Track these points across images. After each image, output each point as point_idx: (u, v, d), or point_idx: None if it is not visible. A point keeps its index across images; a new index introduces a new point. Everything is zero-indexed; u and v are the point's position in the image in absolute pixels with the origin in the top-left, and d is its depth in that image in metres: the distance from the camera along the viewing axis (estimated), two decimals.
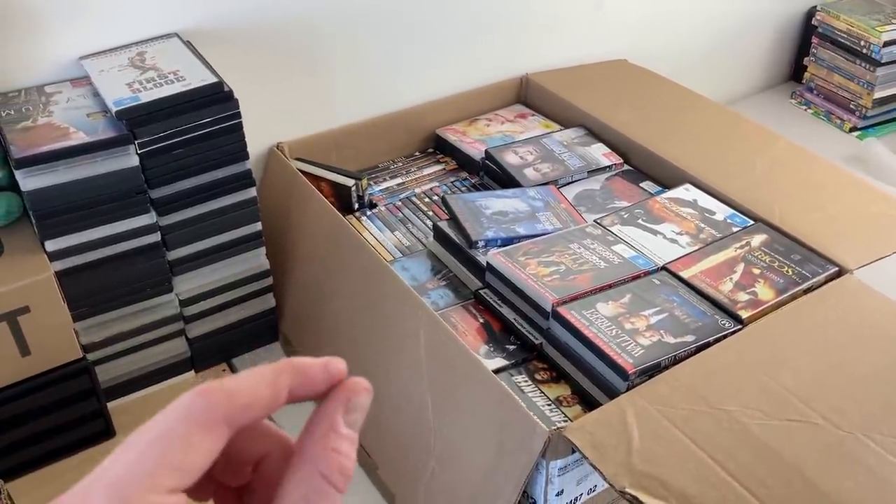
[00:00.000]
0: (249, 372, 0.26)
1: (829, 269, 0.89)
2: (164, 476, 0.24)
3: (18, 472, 0.88)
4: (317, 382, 0.28)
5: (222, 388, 0.26)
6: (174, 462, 0.24)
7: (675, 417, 0.71)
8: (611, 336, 0.79)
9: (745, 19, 1.57)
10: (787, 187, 1.03)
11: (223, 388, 0.26)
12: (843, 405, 0.73)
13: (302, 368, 0.27)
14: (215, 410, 0.25)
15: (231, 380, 0.26)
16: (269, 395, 0.26)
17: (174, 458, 0.24)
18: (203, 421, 0.25)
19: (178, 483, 0.24)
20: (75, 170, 0.81)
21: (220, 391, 0.26)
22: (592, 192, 1.07)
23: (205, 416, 0.25)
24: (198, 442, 0.25)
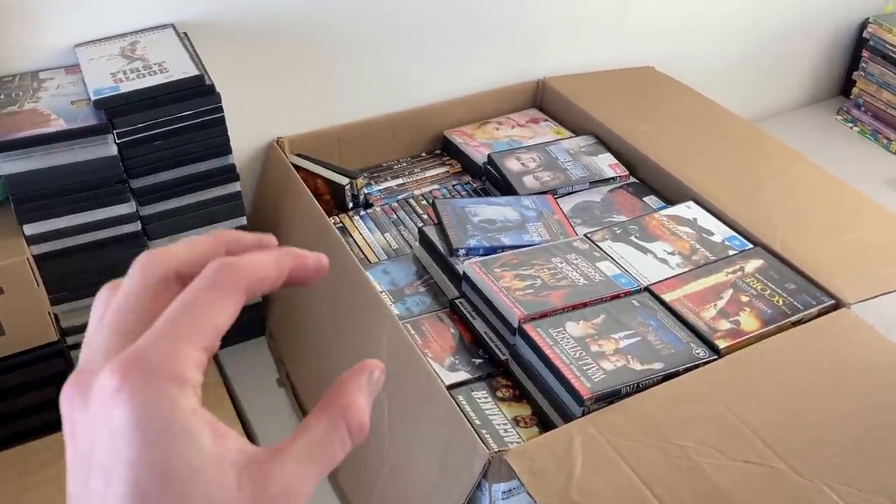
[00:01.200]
0: (259, 253, 0.29)
1: (824, 301, 0.84)
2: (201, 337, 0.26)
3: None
4: (308, 271, 0.31)
5: (242, 263, 0.28)
6: (210, 323, 0.27)
7: (624, 449, 0.68)
8: (573, 358, 0.76)
9: (791, 28, 1.49)
10: (796, 211, 0.97)
11: (243, 262, 0.28)
12: (809, 450, 0.68)
13: (299, 256, 0.30)
14: (238, 280, 0.27)
15: (245, 257, 0.28)
16: (276, 273, 0.29)
17: (210, 319, 0.27)
18: (230, 288, 0.27)
19: (210, 343, 0.26)
20: (53, 156, 0.82)
21: (244, 265, 0.28)
22: (592, 204, 1.04)
23: (231, 283, 0.27)
24: (225, 306, 0.27)
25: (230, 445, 0.26)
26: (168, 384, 0.25)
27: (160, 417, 0.25)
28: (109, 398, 0.25)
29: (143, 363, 0.25)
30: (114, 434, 0.24)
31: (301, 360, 0.98)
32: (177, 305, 0.27)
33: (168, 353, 0.25)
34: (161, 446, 0.24)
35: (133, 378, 0.25)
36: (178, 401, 0.25)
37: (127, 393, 0.24)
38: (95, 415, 0.25)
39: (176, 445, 0.25)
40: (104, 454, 0.25)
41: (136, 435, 0.24)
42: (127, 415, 0.24)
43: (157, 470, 0.24)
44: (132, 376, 0.25)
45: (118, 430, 0.24)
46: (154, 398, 0.25)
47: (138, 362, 0.25)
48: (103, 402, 0.25)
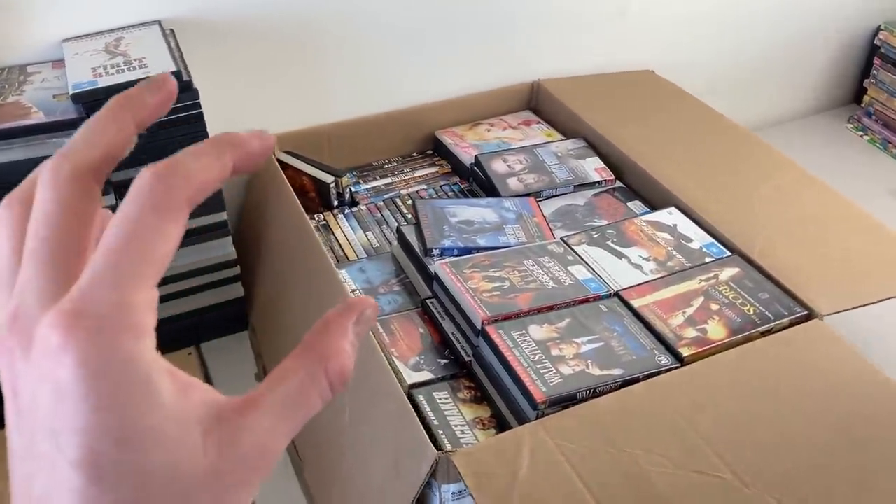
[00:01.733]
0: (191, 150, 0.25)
1: (797, 311, 0.82)
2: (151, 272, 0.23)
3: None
4: (255, 155, 0.26)
5: (177, 171, 0.24)
6: (156, 254, 0.23)
7: (573, 454, 0.67)
8: (532, 361, 0.75)
9: (802, 34, 1.47)
10: (780, 219, 0.96)
11: (181, 171, 0.24)
12: (760, 462, 0.67)
13: (240, 142, 0.26)
14: (179, 195, 0.24)
15: (180, 160, 0.24)
16: (218, 170, 0.25)
17: (155, 250, 0.23)
18: (170, 208, 0.23)
19: (159, 276, 0.23)
20: (32, 148, 0.83)
21: (183, 175, 0.24)
22: (575, 208, 1.03)
23: (170, 202, 0.23)
24: (170, 230, 0.23)
25: (195, 398, 0.24)
26: (121, 337, 0.22)
27: (113, 376, 0.22)
28: (53, 356, 0.22)
29: (89, 315, 0.22)
30: (61, 397, 0.22)
31: (277, 355, 0.99)
32: (114, 237, 0.23)
33: (117, 301, 0.22)
34: (115, 408, 0.22)
35: (79, 334, 0.22)
36: (134, 354, 0.22)
37: (73, 351, 0.21)
38: (38, 370, 0.22)
39: (133, 405, 0.22)
40: (51, 417, 0.22)
41: (87, 399, 0.22)
42: (74, 376, 0.21)
43: (113, 435, 0.22)
44: (78, 333, 0.22)
45: (65, 392, 0.22)
46: (105, 355, 0.22)
47: (83, 315, 0.22)
48: (46, 359, 0.22)
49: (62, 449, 0.22)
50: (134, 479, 0.22)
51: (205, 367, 1.05)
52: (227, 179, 0.26)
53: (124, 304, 0.22)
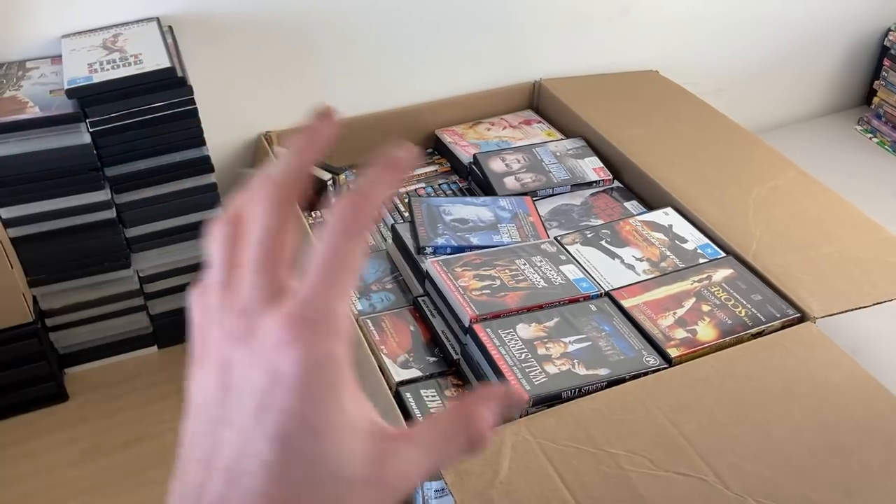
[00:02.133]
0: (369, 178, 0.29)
1: (789, 313, 0.81)
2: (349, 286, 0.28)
3: None
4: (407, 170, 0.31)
5: (368, 200, 0.29)
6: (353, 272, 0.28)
7: (554, 453, 0.67)
8: (518, 360, 0.75)
9: (811, 35, 1.45)
10: (776, 221, 0.95)
11: (367, 199, 0.29)
12: (743, 464, 0.66)
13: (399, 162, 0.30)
14: (367, 219, 0.29)
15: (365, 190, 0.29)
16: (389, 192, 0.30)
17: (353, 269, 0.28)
18: (361, 233, 0.28)
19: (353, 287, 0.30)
20: (27, 142, 0.84)
21: (368, 202, 0.29)
22: (571, 208, 1.03)
23: (361, 228, 0.28)
24: (360, 251, 0.28)
25: (365, 412, 0.28)
26: (334, 343, 0.27)
27: (322, 374, 0.26)
28: (278, 349, 0.26)
29: (311, 320, 0.27)
30: (277, 381, 0.26)
31: None
32: (322, 257, 0.28)
33: (330, 309, 0.27)
34: (316, 401, 0.26)
35: (303, 335, 0.26)
36: (339, 358, 0.27)
37: (297, 348, 0.26)
38: (260, 357, 0.27)
39: (328, 403, 0.26)
40: (261, 397, 0.26)
41: (298, 388, 0.26)
42: (294, 368, 0.26)
43: (308, 423, 0.26)
44: (302, 334, 0.26)
45: (282, 378, 0.26)
46: (320, 355, 0.26)
47: (307, 319, 0.27)
48: (271, 350, 0.27)
49: (262, 422, 0.26)
50: (310, 466, 0.26)
51: None
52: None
53: (334, 312, 0.27)
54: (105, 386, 1.00)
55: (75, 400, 0.99)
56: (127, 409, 0.97)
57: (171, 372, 1.02)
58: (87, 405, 0.98)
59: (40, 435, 0.94)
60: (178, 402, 0.98)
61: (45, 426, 0.95)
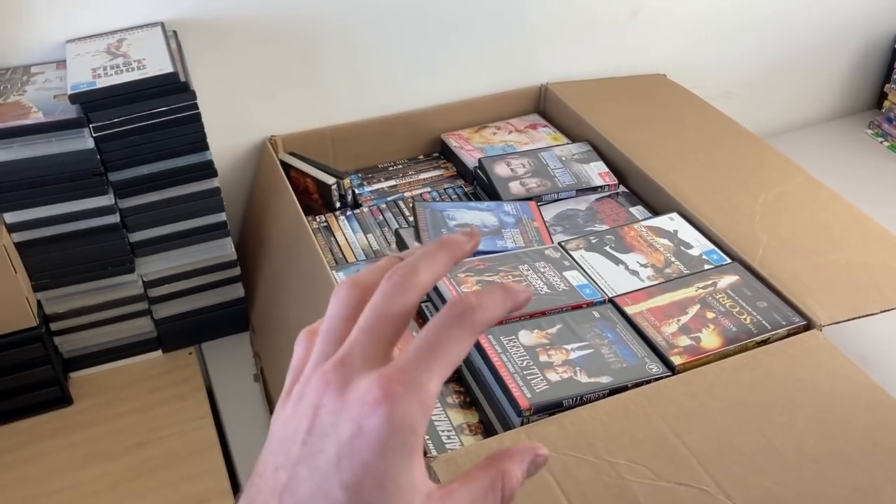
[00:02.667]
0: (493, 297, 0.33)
1: (795, 321, 0.80)
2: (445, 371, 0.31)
3: None
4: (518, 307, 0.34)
5: (483, 307, 0.32)
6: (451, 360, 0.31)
7: (554, 462, 0.66)
8: (519, 367, 0.75)
9: (822, 38, 1.44)
10: (783, 226, 0.94)
11: (483, 306, 0.32)
12: (745, 475, 0.65)
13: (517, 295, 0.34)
14: (480, 324, 0.32)
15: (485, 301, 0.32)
16: (502, 314, 0.33)
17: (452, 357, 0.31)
18: (471, 331, 0.31)
19: (448, 374, 0.31)
20: (32, 147, 0.84)
21: (483, 310, 0.32)
22: (576, 213, 1.02)
23: (473, 327, 0.31)
24: (465, 346, 0.31)
25: (426, 480, 0.31)
26: (416, 411, 0.30)
27: (401, 436, 0.29)
28: (370, 404, 0.29)
29: (404, 390, 0.29)
30: (361, 434, 0.29)
31: (274, 356, 0.99)
32: (428, 339, 0.31)
33: (422, 384, 0.30)
34: (391, 459, 0.29)
35: (394, 399, 0.29)
36: (418, 427, 0.30)
37: (386, 408, 0.29)
38: (349, 410, 0.30)
39: (400, 466, 0.30)
40: (344, 446, 0.29)
41: (379, 444, 0.29)
42: (379, 426, 0.29)
43: (379, 479, 0.29)
44: (394, 397, 0.29)
45: (367, 433, 0.29)
46: (404, 421, 0.29)
47: (401, 386, 0.30)
48: (362, 405, 0.30)
49: (341, 469, 0.29)
50: None
51: (205, 367, 1.05)
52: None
53: (425, 388, 0.30)
54: (109, 390, 1.01)
55: (79, 404, 0.99)
56: (131, 413, 0.97)
57: (175, 376, 1.02)
58: (90, 409, 0.98)
59: (44, 439, 0.94)
60: (182, 407, 0.98)
61: (48, 430, 0.95)
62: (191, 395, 0.99)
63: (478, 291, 0.33)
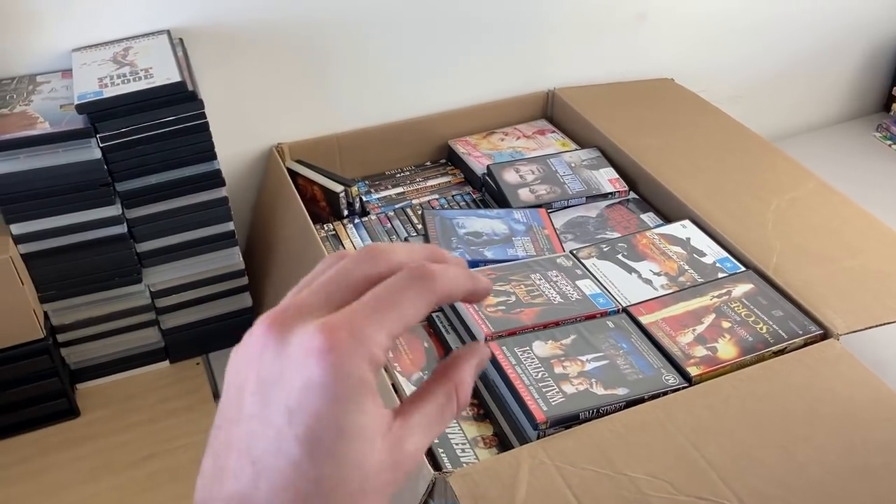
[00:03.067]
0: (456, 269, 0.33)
1: (811, 330, 0.80)
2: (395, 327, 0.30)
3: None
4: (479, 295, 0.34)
5: (444, 274, 0.32)
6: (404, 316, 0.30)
7: (572, 477, 0.66)
8: (534, 379, 0.74)
9: (827, 41, 1.43)
10: (797, 233, 0.93)
11: (444, 273, 0.32)
12: (766, 489, 0.64)
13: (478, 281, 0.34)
14: (437, 287, 0.31)
15: (447, 269, 0.32)
16: (463, 291, 0.33)
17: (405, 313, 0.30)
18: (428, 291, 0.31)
19: (399, 333, 0.30)
20: (38, 158, 0.84)
21: (444, 276, 0.32)
22: (586, 220, 1.01)
23: (430, 288, 0.31)
24: (420, 306, 0.31)
25: (380, 409, 0.30)
26: (363, 361, 0.29)
27: (350, 383, 0.29)
28: (313, 354, 0.28)
29: (348, 337, 0.29)
30: (308, 385, 0.28)
31: None
32: (381, 293, 0.30)
33: (370, 336, 0.29)
34: (343, 406, 0.28)
35: (340, 347, 0.28)
36: (366, 376, 0.29)
37: (332, 356, 0.28)
38: (293, 359, 0.29)
39: (353, 412, 0.29)
40: (292, 398, 0.28)
41: (328, 393, 0.28)
42: (326, 374, 0.28)
43: (334, 424, 0.28)
44: (339, 346, 0.28)
45: (313, 383, 0.28)
46: (351, 370, 0.28)
47: (346, 334, 0.29)
48: (306, 354, 0.29)
49: (293, 424, 0.28)
50: (336, 463, 0.28)
51: (212, 377, 1.04)
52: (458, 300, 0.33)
53: (372, 339, 0.29)
54: (116, 402, 1.00)
55: (86, 416, 0.98)
56: (138, 425, 0.96)
57: (183, 387, 1.02)
58: (98, 422, 0.97)
59: (51, 452, 0.93)
60: (190, 419, 0.97)
61: (55, 443, 0.94)
62: (199, 406, 0.98)
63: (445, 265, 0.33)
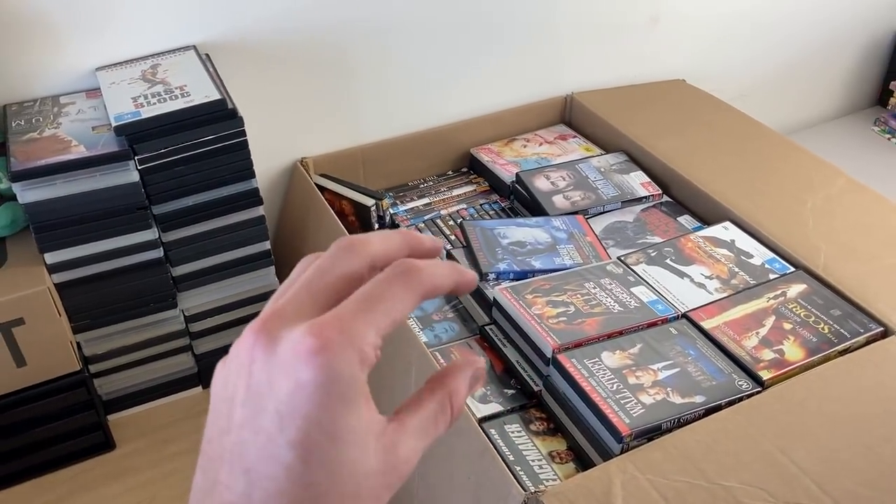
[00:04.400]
0: (439, 263, 0.32)
1: (872, 328, 0.80)
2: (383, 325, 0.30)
3: (15, 479, 0.89)
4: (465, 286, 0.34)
5: (427, 270, 0.31)
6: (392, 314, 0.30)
7: (667, 490, 0.65)
8: (610, 391, 0.73)
9: (825, 38, 1.46)
10: (838, 231, 0.93)
11: (428, 269, 0.31)
12: (861, 490, 0.64)
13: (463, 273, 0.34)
14: (423, 284, 0.31)
15: (430, 264, 0.32)
16: (448, 284, 0.32)
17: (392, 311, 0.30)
18: (413, 289, 0.31)
19: (388, 331, 0.30)
20: (74, 183, 0.80)
21: (428, 272, 0.31)
22: (624, 225, 1.01)
23: (415, 285, 0.31)
24: (406, 303, 0.30)
25: (373, 414, 0.30)
26: (354, 361, 0.28)
27: (342, 386, 0.28)
28: (303, 356, 0.28)
29: (338, 337, 0.28)
30: (299, 388, 0.28)
31: None
32: (368, 291, 0.30)
33: (360, 334, 0.29)
34: (335, 409, 0.28)
35: (330, 347, 0.28)
36: (357, 376, 0.28)
37: (323, 356, 0.28)
38: (283, 364, 0.28)
39: (346, 413, 0.28)
40: (283, 403, 0.28)
41: (319, 396, 0.28)
42: (317, 377, 0.27)
43: (327, 429, 0.28)
44: (330, 346, 0.28)
45: (305, 386, 0.27)
46: (342, 370, 0.28)
47: (335, 334, 0.28)
48: (296, 357, 0.28)
49: (285, 429, 0.27)
50: (329, 467, 0.28)
51: None
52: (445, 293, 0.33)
53: (362, 337, 0.29)
54: (151, 431, 0.96)
55: (122, 448, 0.94)
56: (178, 455, 0.93)
57: None
58: (135, 454, 0.93)
59: (91, 488, 0.89)
60: None
61: (94, 478, 0.90)
62: None
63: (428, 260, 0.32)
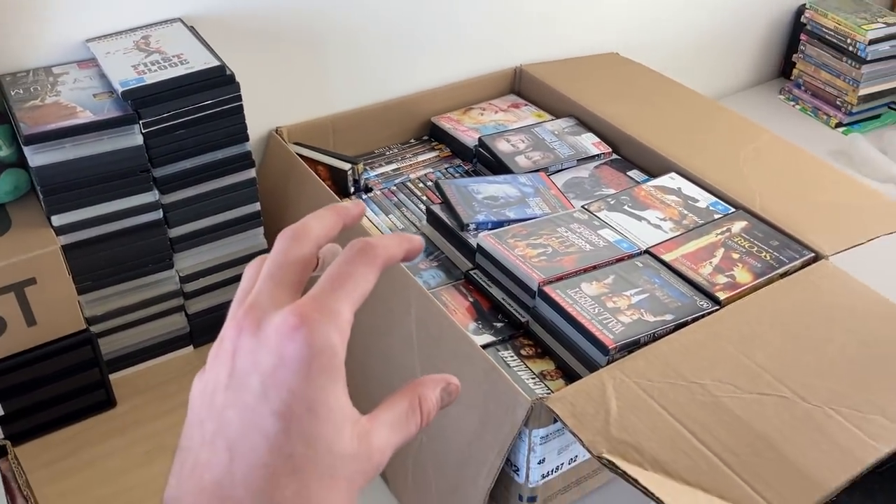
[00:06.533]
0: (389, 236, 0.37)
1: (805, 254, 0.93)
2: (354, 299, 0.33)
3: (24, 437, 0.92)
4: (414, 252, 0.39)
5: (382, 244, 0.36)
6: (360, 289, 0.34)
7: (652, 390, 0.75)
8: (593, 314, 0.82)
9: (735, 16, 1.60)
10: (769, 177, 1.06)
11: (382, 243, 0.36)
12: (811, 382, 0.76)
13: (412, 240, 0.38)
14: (380, 257, 0.35)
15: (382, 239, 0.36)
16: (401, 253, 0.37)
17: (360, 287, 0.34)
18: (374, 264, 0.35)
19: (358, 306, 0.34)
20: (81, 147, 0.84)
21: (382, 246, 0.36)
22: (581, 180, 1.11)
23: (375, 260, 0.35)
24: (370, 278, 0.35)
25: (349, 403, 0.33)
26: (335, 335, 0.32)
27: (323, 360, 0.31)
28: (287, 334, 0.31)
29: (318, 315, 0.31)
30: (283, 362, 0.31)
31: None
32: (335, 273, 0.34)
33: (336, 310, 0.32)
34: (316, 383, 0.31)
35: (311, 324, 0.31)
36: (337, 350, 0.32)
37: (305, 333, 0.31)
38: (267, 343, 0.31)
39: (326, 387, 0.31)
40: (268, 375, 0.31)
41: (303, 368, 0.30)
42: (300, 350, 0.31)
43: (308, 402, 0.30)
44: (310, 322, 0.31)
45: (289, 360, 0.31)
46: (324, 343, 0.31)
47: (316, 312, 0.31)
48: (280, 335, 0.31)
49: (269, 399, 0.30)
50: (308, 441, 0.30)
51: None
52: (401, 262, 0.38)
53: (339, 313, 0.32)
54: (149, 389, 1.00)
55: (123, 406, 0.98)
56: (179, 408, 0.98)
57: None
58: (136, 410, 0.98)
59: (97, 443, 0.93)
60: None
61: (100, 434, 0.94)
62: None
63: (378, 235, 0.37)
